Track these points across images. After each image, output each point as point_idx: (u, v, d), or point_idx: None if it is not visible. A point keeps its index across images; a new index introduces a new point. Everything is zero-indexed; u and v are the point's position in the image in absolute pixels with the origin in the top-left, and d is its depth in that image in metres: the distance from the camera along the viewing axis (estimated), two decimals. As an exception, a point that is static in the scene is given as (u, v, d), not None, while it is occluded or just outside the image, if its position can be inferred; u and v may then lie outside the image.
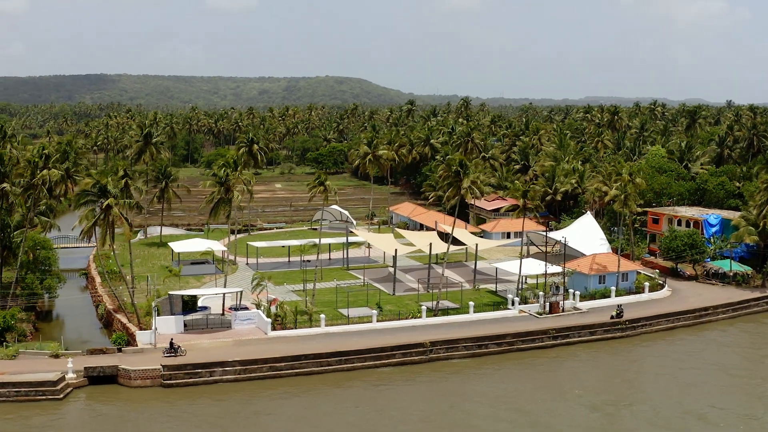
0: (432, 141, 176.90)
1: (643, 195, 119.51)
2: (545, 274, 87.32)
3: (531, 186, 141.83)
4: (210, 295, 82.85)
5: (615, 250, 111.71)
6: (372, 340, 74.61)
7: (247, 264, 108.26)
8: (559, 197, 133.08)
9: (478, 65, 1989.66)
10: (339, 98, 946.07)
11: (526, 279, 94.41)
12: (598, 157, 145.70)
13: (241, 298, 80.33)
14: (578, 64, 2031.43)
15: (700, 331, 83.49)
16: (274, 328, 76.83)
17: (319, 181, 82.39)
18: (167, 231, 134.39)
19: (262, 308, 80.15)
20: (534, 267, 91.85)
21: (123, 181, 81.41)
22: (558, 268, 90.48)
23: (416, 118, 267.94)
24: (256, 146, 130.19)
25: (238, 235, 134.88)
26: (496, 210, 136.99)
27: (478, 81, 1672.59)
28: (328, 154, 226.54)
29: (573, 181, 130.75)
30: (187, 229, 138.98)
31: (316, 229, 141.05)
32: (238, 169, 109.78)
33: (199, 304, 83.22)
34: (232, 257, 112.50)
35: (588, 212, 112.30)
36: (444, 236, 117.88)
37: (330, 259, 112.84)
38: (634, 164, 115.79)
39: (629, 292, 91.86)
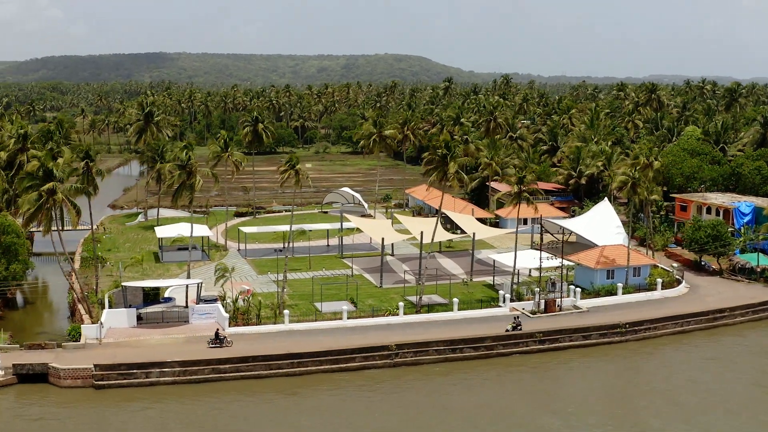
0: (462, 120, 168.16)
1: (671, 180, 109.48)
2: (539, 268, 78.73)
3: (553, 169, 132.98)
4: (170, 287, 77.20)
5: (640, 240, 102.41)
6: (339, 339, 67.73)
7: (239, 250, 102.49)
8: (583, 181, 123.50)
9: (541, 43, 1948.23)
10: (398, 76, 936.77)
11: (530, 272, 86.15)
12: (630, 137, 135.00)
13: (201, 289, 74.28)
14: (642, 43, 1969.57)
15: (712, 336, 73.93)
16: (237, 324, 70.71)
17: (291, 164, 75.46)
18: (170, 213, 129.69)
19: (229, 300, 73.99)
20: (533, 259, 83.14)
21: (83, 163, 75.96)
22: (557, 261, 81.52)
23: (456, 95, 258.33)
24: (261, 125, 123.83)
25: (244, 218, 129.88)
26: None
27: (540, 59, 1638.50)
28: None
29: (599, 163, 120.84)
30: (192, 212, 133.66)
31: (326, 212, 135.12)
32: (229, 149, 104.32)
33: (167, 294, 77.61)
34: (223, 242, 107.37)
35: (605, 199, 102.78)
36: (446, 222, 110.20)
37: (328, 245, 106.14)
38: (656, 147, 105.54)
39: (639, 289, 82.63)
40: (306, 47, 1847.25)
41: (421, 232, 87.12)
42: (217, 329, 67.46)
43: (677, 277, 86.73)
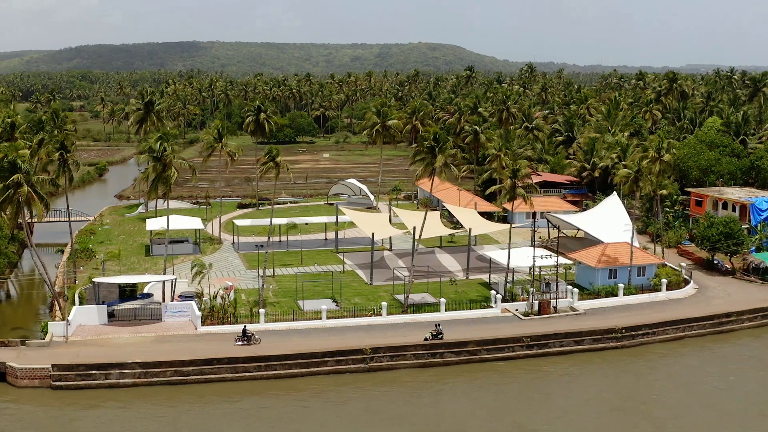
0: (480, 109, 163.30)
1: (687, 173, 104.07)
2: (532, 267, 74.32)
3: (566, 161, 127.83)
4: (150, 282, 74.34)
5: (653, 236, 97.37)
6: (315, 341, 64.31)
7: (233, 243, 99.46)
8: (597, 174, 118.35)
9: (577, 31, 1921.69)
10: (432, 65, 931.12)
11: (530, 270, 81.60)
12: (648, 129, 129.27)
13: (175, 286, 71.32)
14: (680, 31, 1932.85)
15: (716, 343, 68.89)
16: (211, 322, 67.65)
17: (270, 156, 71.99)
18: (173, 204, 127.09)
19: (206, 298, 70.87)
20: (529, 257, 78.42)
21: (58, 154, 73.36)
22: (556, 259, 76.87)
23: (480, 85, 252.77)
24: (263, 115, 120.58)
25: (247, 210, 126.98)
26: (528, 186, 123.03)
27: (576, 48, 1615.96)
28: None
29: (614, 155, 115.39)
30: (195, 203, 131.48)
31: (332, 204, 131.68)
32: (222, 139, 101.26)
33: (147, 290, 74.81)
34: (223, 234, 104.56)
35: (614, 193, 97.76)
36: (451, 217, 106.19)
37: (326, 239, 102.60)
38: (672, 139, 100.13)
39: (642, 290, 77.83)
40: (340, 36, 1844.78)
41: (414, 227, 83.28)
42: (245, 326, 64.60)
43: (685, 276, 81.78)
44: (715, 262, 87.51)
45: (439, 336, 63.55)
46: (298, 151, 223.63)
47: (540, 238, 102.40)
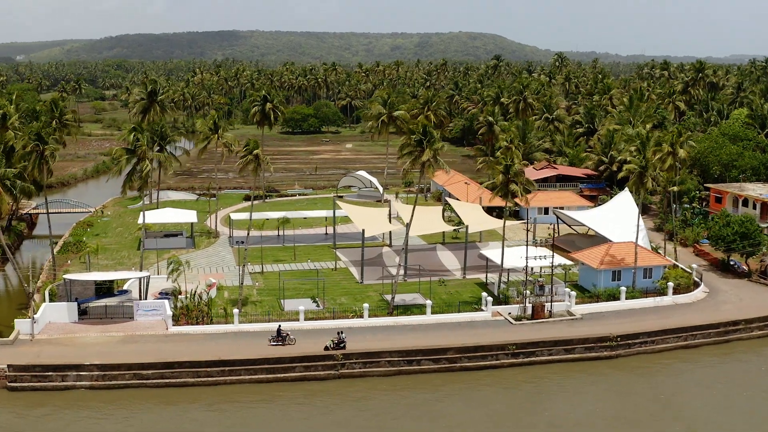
0: (502, 100, 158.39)
1: (708, 168, 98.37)
2: (526, 267, 69.91)
3: (583, 154, 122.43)
4: (129, 279, 71.82)
5: (670, 234, 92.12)
6: (288, 344, 60.96)
7: (230, 237, 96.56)
8: (615, 167, 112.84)
9: (621, 20, 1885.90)
10: (472, 54, 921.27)
11: (531, 270, 77.09)
12: (672, 120, 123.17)
13: (148, 283, 68.51)
14: (725, 21, 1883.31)
15: (721, 353, 63.73)
16: (187, 322, 64.72)
17: (248, 149, 68.58)
18: (179, 196, 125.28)
19: (183, 297, 67.94)
20: (525, 257, 73.82)
21: (33, 145, 70.99)
22: (552, 259, 72.07)
23: (510, 74, 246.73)
24: (269, 105, 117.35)
25: (255, 202, 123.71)
26: (544, 180, 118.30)
27: (619, 37, 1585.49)
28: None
29: (632, 148, 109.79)
30: (200, 194, 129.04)
31: (341, 196, 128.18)
32: (219, 131, 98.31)
33: (126, 287, 72.22)
34: (223, 228, 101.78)
35: (626, 189, 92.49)
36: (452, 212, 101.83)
37: (326, 234, 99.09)
38: (694, 131, 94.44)
39: (647, 293, 72.89)
40: (380, 25, 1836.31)
41: (407, 224, 79.37)
42: (279, 325, 61.84)
43: (696, 279, 76.60)
44: (731, 263, 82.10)
45: (341, 345, 58.99)
46: (322, 141, 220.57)
47: (549, 235, 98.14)
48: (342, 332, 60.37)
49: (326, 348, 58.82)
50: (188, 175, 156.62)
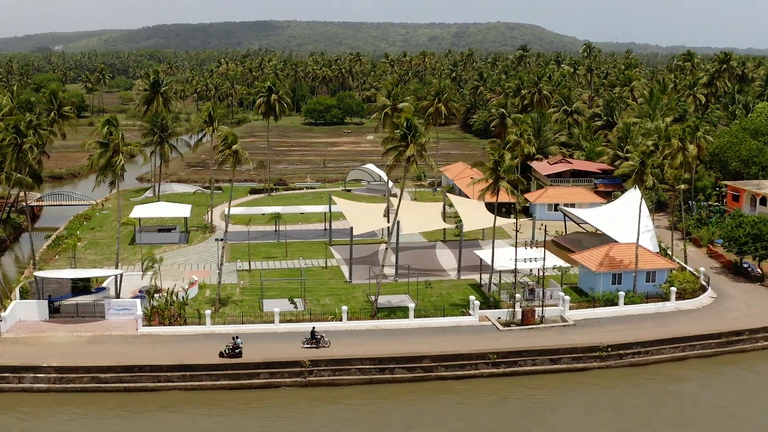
0: (523, 92, 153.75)
1: (726, 165, 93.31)
2: (515, 270, 66.12)
3: (598, 148, 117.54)
4: (106, 276, 69.72)
5: (684, 233, 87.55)
6: (258, 347, 58.13)
7: (226, 232, 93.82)
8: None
9: (662, 11, 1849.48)
10: (510, 45, 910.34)
11: (531, 271, 73.17)
12: (694, 114, 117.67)
13: (121, 280, 66.24)
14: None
15: (721, 365, 59.36)
16: (163, 323, 62.34)
17: (226, 143, 65.80)
18: (183, 188, 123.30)
19: (162, 294, 65.52)
20: (522, 256, 69.70)
21: (11, 137, 69.14)
22: (545, 262, 67.85)
23: (538, 65, 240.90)
24: (274, 96, 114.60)
25: (258, 196, 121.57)
26: (557, 175, 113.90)
27: (660, 28, 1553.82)
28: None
29: (649, 143, 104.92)
30: (204, 187, 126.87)
31: (349, 190, 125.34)
32: (214, 123, 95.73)
33: (105, 284, 70.12)
34: (222, 222, 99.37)
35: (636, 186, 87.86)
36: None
37: (325, 230, 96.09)
38: (707, 125, 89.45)
39: (649, 298, 68.60)
40: (417, 15, 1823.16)
41: (398, 222, 76.11)
42: (313, 327, 59.47)
43: (703, 283, 72.05)
44: (745, 265, 77.28)
45: (237, 350, 55.79)
46: (343, 132, 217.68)
47: (556, 232, 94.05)
48: (237, 337, 57.18)
49: (221, 354, 55.69)
50: (202, 167, 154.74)
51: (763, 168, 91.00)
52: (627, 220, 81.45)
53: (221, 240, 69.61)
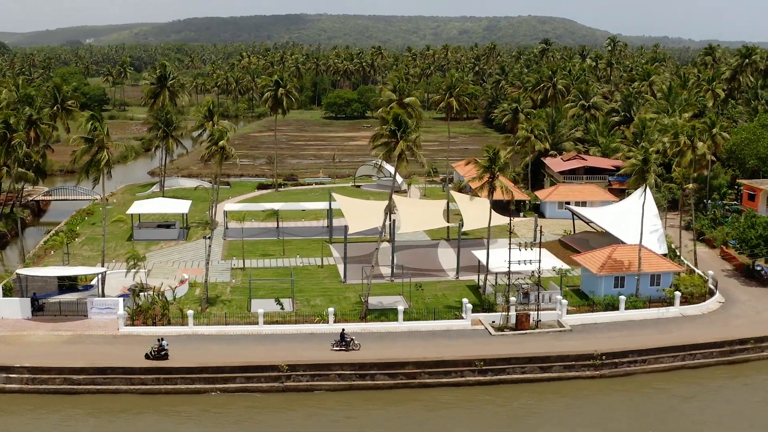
0: (540, 86, 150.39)
1: (744, 162, 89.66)
2: (509, 272, 63.51)
3: (612, 144, 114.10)
4: (87, 274, 68.49)
5: (698, 234, 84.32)
6: (238, 350, 56.38)
7: (226, 229, 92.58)
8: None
9: (693, 5, 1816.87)
10: (541, 39, 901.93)
11: (532, 273, 70.47)
12: (714, 109, 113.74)
13: (104, 279, 64.87)
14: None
15: (724, 376, 56.37)
16: (145, 323, 60.87)
17: (213, 140, 64.04)
18: (188, 183, 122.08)
19: (145, 294, 63.98)
20: (517, 260, 66.92)
21: None
22: (539, 263, 64.85)
23: (562, 59, 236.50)
24: (281, 90, 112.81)
25: (266, 191, 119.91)
26: (570, 172, 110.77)
27: (693, 22, 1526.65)
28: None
29: (665, 139, 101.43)
30: (210, 182, 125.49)
31: (359, 186, 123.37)
32: (214, 118, 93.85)
33: (93, 282, 68.92)
34: (224, 218, 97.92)
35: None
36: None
37: (325, 227, 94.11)
38: (723, 122, 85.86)
39: (652, 303, 65.60)
40: (448, 8, 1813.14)
41: (393, 220, 73.95)
42: (343, 329, 57.78)
43: (710, 287, 68.85)
44: (758, 268, 73.86)
45: (162, 353, 53.71)
46: (363, 126, 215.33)
47: (565, 231, 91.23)
48: (162, 339, 55.23)
49: (147, 356, 53.90)
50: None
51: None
52: (636, 219, 78.48)
53: (208, 238, 67.87)
